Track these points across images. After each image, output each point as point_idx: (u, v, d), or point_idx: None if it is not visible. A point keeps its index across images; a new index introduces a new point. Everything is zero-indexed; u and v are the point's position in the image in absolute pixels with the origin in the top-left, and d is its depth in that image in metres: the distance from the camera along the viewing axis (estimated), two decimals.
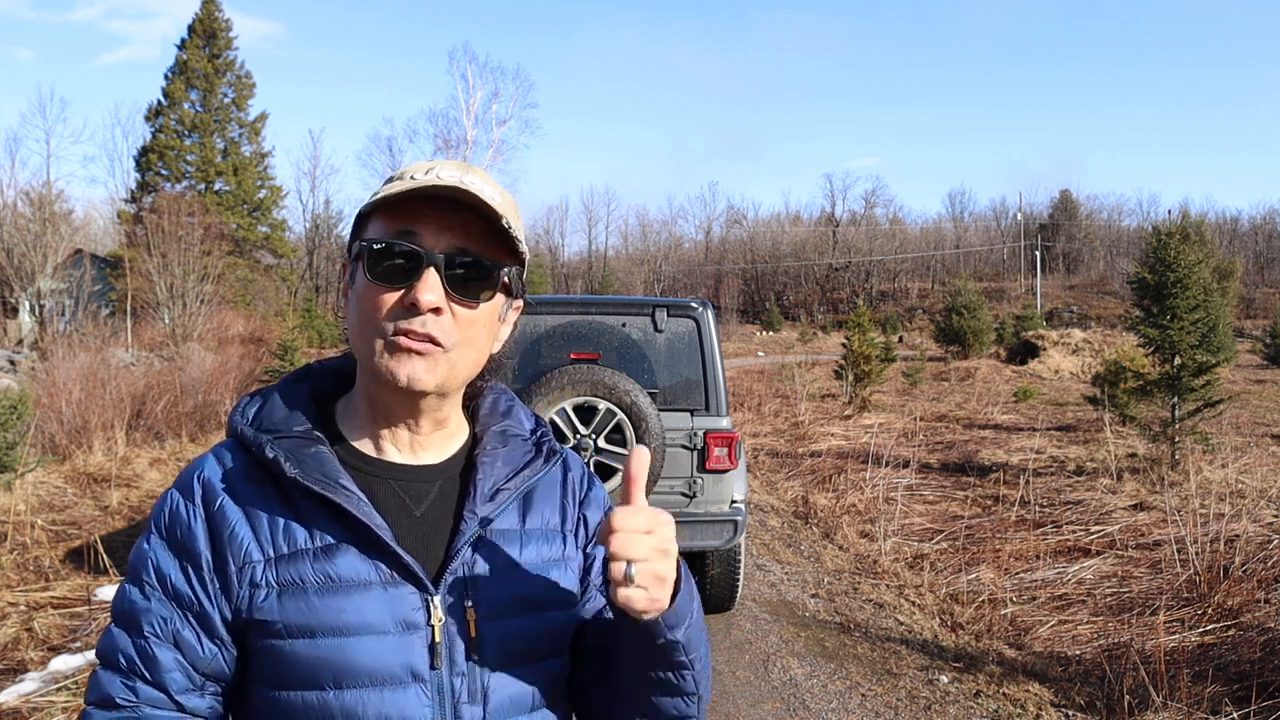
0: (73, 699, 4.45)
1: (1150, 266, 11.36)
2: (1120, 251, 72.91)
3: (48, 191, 31.85)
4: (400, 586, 1.04)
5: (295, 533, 1.04)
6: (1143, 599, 6.26)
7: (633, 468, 1.02)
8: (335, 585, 1.02)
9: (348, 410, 1.15)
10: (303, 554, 1.03)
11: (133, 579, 1.06)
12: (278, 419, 1.10)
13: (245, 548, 1.03)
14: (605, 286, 59.93)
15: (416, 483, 1.12)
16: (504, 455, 1.17)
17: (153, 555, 1.05)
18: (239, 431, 1.10)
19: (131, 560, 1.08)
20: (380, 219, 1.07)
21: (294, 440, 1.07)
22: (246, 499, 1.06)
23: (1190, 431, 10.62)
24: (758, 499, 10.21)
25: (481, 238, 1.07)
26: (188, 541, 1.04)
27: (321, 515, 1.05)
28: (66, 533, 7.98)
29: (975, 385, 24.15)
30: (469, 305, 1.06)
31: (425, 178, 1.04)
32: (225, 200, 41.24)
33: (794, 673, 5.08)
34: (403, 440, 1.12)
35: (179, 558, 1.04)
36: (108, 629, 1.06)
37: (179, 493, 1.08)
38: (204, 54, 42.00)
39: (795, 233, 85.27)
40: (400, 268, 1.03)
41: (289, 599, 1.02)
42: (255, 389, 1.20)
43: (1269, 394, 21.54)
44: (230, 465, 1.08)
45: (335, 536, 1.04)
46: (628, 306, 5.70)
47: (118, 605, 1.06)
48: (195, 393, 14.32)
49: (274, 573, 1.03)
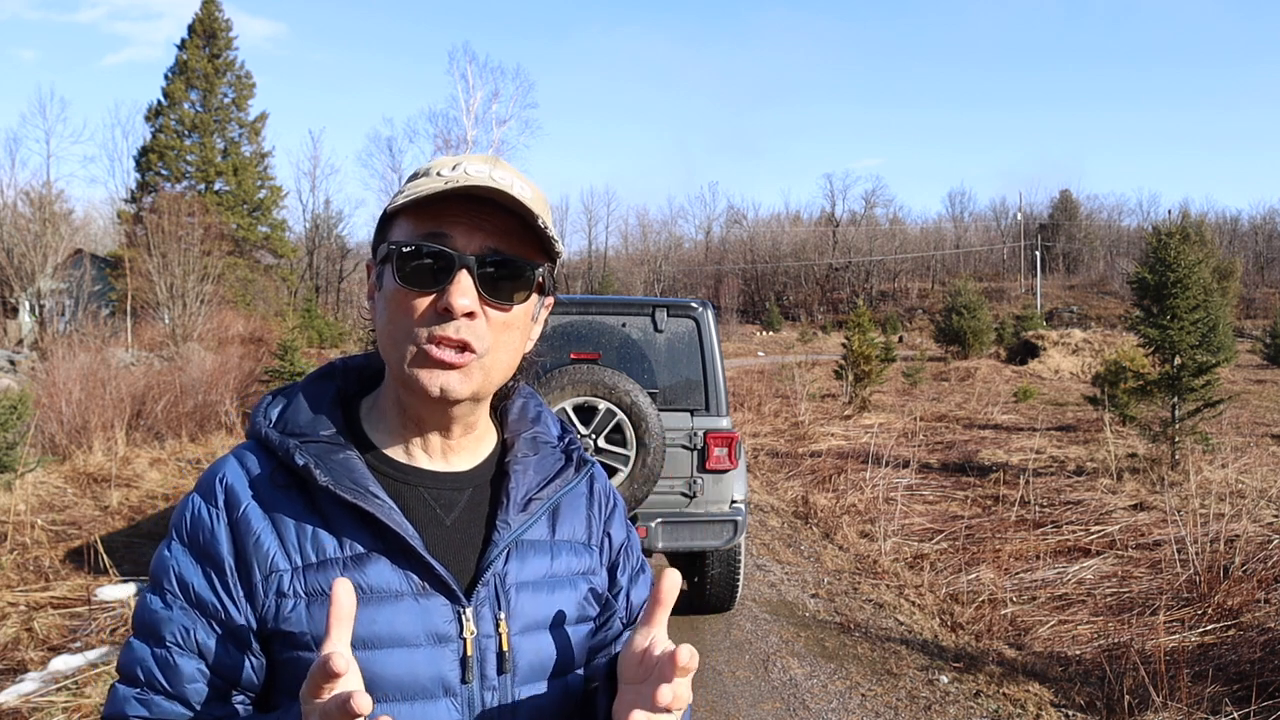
0: (73, 699, 4.44)
1: (1150, 266, 11.37)
2: (1120, 251, 72.92)
3: (48, 191, 31.87)
4: (432, 598, 1.01)
5: (324, 541, 1.00)
6: (1143, 599, 6.26)
7: (663, 591, 0.95)
8: (366, 596, 0.98)
9: (373, 412, 1.11)
10: (332, 563, 1.00)
11: (154, 587, 1.02)
12: (303, 422, 1.06)
13: (271, 556, 1.00)
14: (605, 286, 59.90)
15: (447, 490, 1.08)
16: (535, 463, 1.13)
17: (174, 562, 1.01)
18: (263, 434, 1.06)
19: (153, 568, 1.04)
20: (408, 219, 1.03)
21: (322, 445, 1.04)
22: (272, 505, 1.02)
23: (1190, 431, 10.62)
24: (758, 499, 10.21)
25: (514, 236, 1.03)
26: (211, 547, 1.01)
27: (352, 524, 1.01)
28: (66, 533, 7.98)
29: (975, 385, 24.15)
30: (503, 308, 1.02)
31: (453, 174, 1.01)
32: (225, 200, 41.20)
33: (794, 673, 5.08)
34: (433, 446, 1.09)
35: (202, 564, 1.01)
36: (128, 642, 1.02)
37: (201, 497, 1.04)
38: (204, 54, 41.97)
39: (795, 233, 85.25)
40: (431, 270, 0.99)
41: (318, 609, 0.98)
42: (278, 388, 1.15)
43: (1269, 394, 21.53)
44: (254, 469, 1.04)
45: (366, 546, 1.01)
46: (628, 306, 5.70)
47: (139, 616, 1.02)
48: (195, 393, 14.33)
49: (302, 582, 0.99)
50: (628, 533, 1.23)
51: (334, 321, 39.42)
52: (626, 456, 4.92)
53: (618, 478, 4.91)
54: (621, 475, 4.90)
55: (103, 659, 4.96)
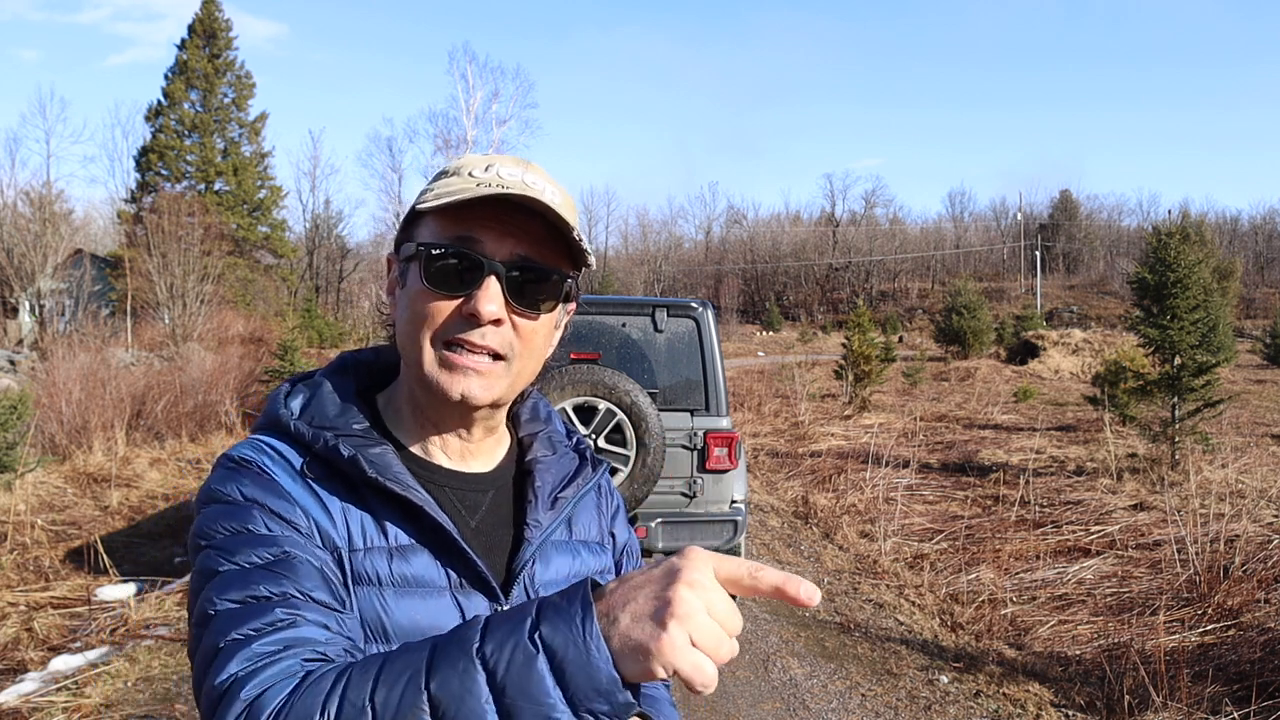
0: (73, 699, 4.44)
1: (1150, 266, 11.37)
2: (1120, 251, 72.90)
3: (48, 191, 31.89)
4: (471, 595, 1.00)
5: (369, 528, 0.98)
6: (1143, 599, 6.26)
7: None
8: (410, 588, 0.97)
9: (390, 408, 1.10)
10: (380, 551, 0.97)
11: (214, 516, 0.92)
12: (332, 415, 1.03)
13: (325, 529, 0.95)
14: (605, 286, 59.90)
15: (470, 492, 1.07)
16: (555, 463, 1.13)
17: (254, 495, 0.94)
18: (292, 427, 1.01)
19: (206, 517, 0.94)
20: (436, 219, 1.01)
21: (357, 439, 1.01)
22: (315, 490, 0.98)
23: (1190, 431, 10.62)
24: (758, 499, 10.20)
25: (543, 243, 1.01)
26: (279, 493, 0.95)
27: (396, 516, 0.99)
28: (66, 533, 7.98)
29: (975, 385, 24.15)
30: (530, 316, 1.01)
31: (486, 175, 0.99)
32: (225, 200, 41.21)
33: (794, 673, 5.08)
34: (452, 447, 1.08)
35: (271, 496, 0.94)
36: (206, 566, 0.89)
37: (246, 450, 0.98)
38: (204, 54, 41.97)
39: (795, 233, 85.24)
40: (459, 275, 0.98)
41: (363, 595, 0.95)
42: (291, 378, 1.12)
43: (1269, 394, 21.53)
44: (289, 456, 0.99)
45: (410, 537, 0.99)
46: (628, 306, 5.70)
47: (204, 555, 0.90)
48: (195, 393, 14.33)
49: (350, 564, 0.96)
50: (629, 534, 1.23)
51: (334, 321, 39.45)
52: (626, 456, 4.92)
53: (618, 478, 4.91)
54: (621, 475, 4.90)
55: (103, 659, 4.96)
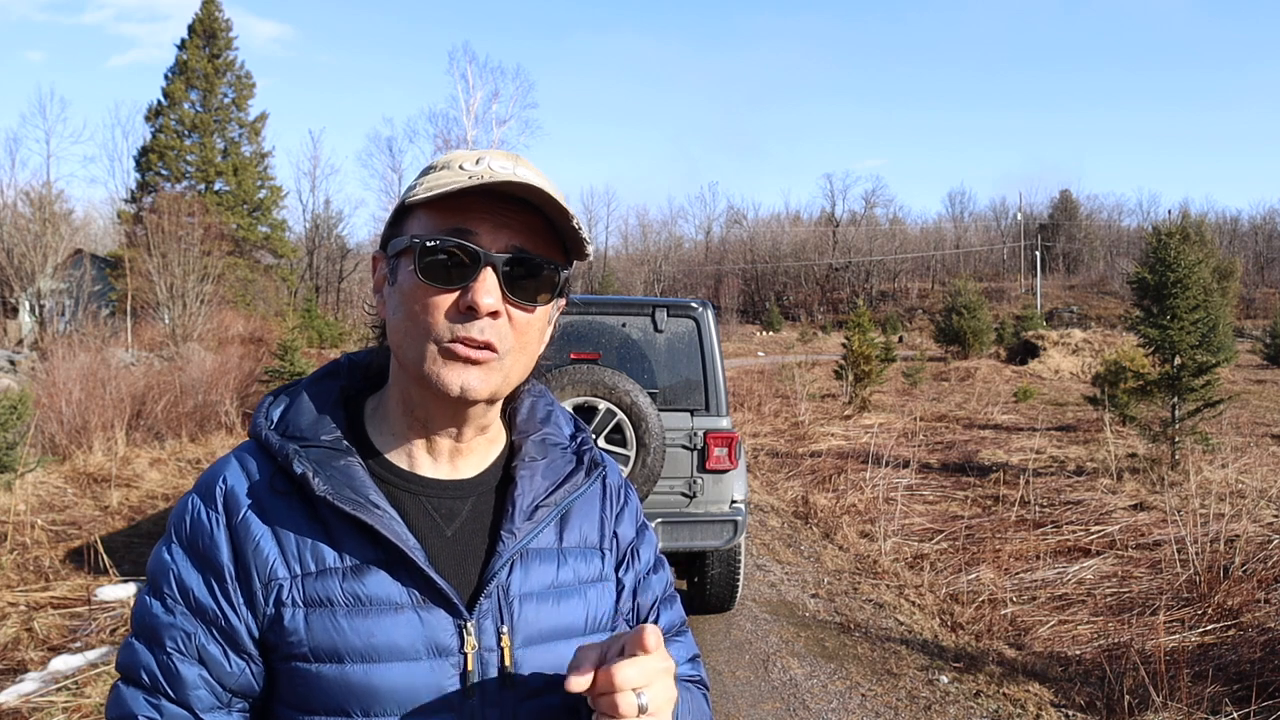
0: (73, 699, 4.44)
1: (1150, 266, 11.37)
2: (1120, 251, 72.92)
3: (48, 191, 31.87)
4: (432, 611, 0.98)
5: (323, 551, 0.98)
6: (1143, 599, 6.26)
7: (647, 640, 0.88)
8: (365, 607, 0.97)
9: (378, 414, 1.08)
10: (331, 573, 0.97)
11: (153, 590, 1.00)
12: (305, 424, 1.03)
13: (271, 563, 0.97)
14: (605, 286, 59.92)
15: (448, 500, 1.05)
16: (543, 468, 1.10)
17: (174, 566, 0.99)
18: (263, 437, 1.03)
19: (150, 569, 1.02)
20: (428, 213, 0.99)
21: (323, 451, 1.01)
22: (272, 511, 0.99)
23: (1190, 431, 10.62)
24: (758, 499, 10.20)
25: (539, 235, 1.00)
26: (210, 553, 0.98)
27: (351, 533, 0.98)
28: (66, 533, 7.98)
29: (975, 385, 24.15)
30: (526, 308, 1.00)
31: (477, 168, 0.97)
32: (225, 200, 41.18)
33: (794, 673, 5.08)
34: (442, 449, 1.06)
35: (201, 570, 0.98)
36: (128, 642, 1.00)
37: (201, 500, 1.01)
38: (204, 54, 41.94)
39: (795, 233, 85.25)
40: (455, 268, 0.96)
41: (316, 620, 0.96)
42: (280, 386, 1.12)
43: (1269, 394, 21.53)
44: (255, 473, 1.01)
45: (365, 556, 0.98)
46: (628, 306, 5.70)
47: (139, 618, 1.00)
48: (195, 393, 14.32)
49: (300, 591, 0.97)
50: (638, 531, 1.19)
51: (334, 321, 39.44)
52: (626, 456, 4.92)
53: None
54: None
55: (103, 659, 4.96)
